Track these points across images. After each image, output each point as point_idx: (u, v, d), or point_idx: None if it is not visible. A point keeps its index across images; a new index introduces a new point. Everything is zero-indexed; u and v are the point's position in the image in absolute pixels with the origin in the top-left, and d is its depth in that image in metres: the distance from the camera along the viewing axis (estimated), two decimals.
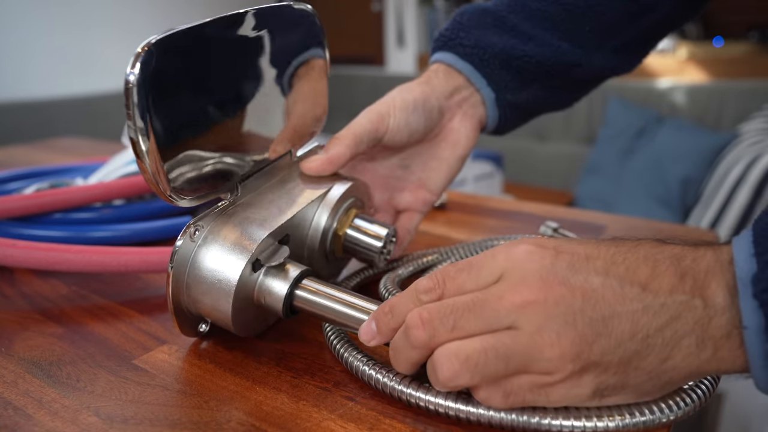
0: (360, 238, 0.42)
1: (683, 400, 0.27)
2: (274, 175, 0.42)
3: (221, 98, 0.35)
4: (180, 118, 0.32)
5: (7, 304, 0.44)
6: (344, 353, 0.34)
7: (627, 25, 0.51)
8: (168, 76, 0.31)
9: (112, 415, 0.30)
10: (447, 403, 0.28)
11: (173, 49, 0.31)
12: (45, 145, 1.14)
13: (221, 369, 0.35)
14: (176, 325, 0.35)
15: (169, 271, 0.34)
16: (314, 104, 0.44)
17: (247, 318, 0.36)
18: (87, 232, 0.52)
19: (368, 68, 3.43)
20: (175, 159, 0.32)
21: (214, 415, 0.30)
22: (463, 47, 0.49)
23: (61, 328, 0.40)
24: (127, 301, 0.44)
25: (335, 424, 0.29)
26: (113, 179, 0.60)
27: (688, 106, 2.26)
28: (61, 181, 0.65)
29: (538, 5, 0.50)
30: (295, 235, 0.39)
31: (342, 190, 0.41)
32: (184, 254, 0.34)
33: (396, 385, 0.30)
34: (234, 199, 0.38)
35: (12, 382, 0.33)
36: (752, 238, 0.26)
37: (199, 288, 0.34)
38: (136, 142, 0.30)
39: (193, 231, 0.35)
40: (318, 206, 0.40)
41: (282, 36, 0.39)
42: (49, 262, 0.43)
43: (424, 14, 3.26)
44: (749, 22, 2.44)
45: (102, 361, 0.35)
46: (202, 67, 0.34)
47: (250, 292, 0.35)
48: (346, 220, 0.42)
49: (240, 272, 0.34)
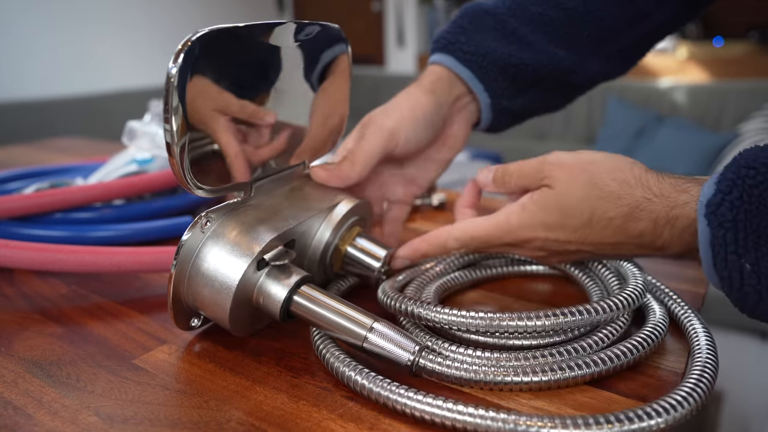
0: (359, 257, 0.43)
1: (680, 404, 0.27)
2: (287, 182, 0.42)
3: (250, 99, 0.37)
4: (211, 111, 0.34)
5: (6, 303, 0.44)
6: (331, 360, 0.33)
7: (626, 31, 0.52)
8: (208, 72, 0.33)
9: (112, 414, 0.30)
10: (422, 407, 0.29)
11: (214, 46, 0.32)
12: (45, 145, 1.14)
13: (221, 369, 0.35)
14: (172, 316, 0.36)
15: (174, 260, 0.34)
16: (333, 121, 0.46)
17: (243, 316, 0.36)
18: (87, 231, 0.52)
19: (368, 68, 3.43)
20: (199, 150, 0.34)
21: (214, 414, 0.30)
22: (462, 52, 0.50)
23: (61, 328, 0.40)
24: (127, 301, 0.44)
25: (335, 424, 0.29)
26: (113, 179, 0.60)
27: (689, 106, 2.26)
28: (61, 180, 0.65)
29: (538, 9, 0.50)
30: (299, 243, 0.39)
31: (347, 208, 0.42)
32: (192, 244, 0.35)
33: (383, 391, 0.30)
34: (246, 199, 0.38)
35: (12, 382, 0.33)
36: (721, 171, 0.32)
37: (201, 280, 0.35)
38: (169, 126, 0.31)
39: (204, 221, 0.35)
40: (323, 220, 0.41)
41: (313, 52, 0.41)
42: (41, 262, 0.43)
43: (424, 14, 3.26)
44: (749, 22, 2.44)
45: (102, 360, 0.35)
46: (238, 68, 0.35)
47: (251, 291, 0.35)
48: (348, 237, 0.43)
49: (244, 269, 0.34)
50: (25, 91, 2.35)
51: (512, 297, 0.44)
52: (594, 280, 0.41)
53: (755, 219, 0.30)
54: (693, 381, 0.29)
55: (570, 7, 0.50)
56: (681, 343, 0.36)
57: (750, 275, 0.30)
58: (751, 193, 0.30)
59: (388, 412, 0.30)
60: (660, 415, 0.27)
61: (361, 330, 0.33)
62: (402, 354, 0.32)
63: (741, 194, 0.30)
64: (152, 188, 0.59)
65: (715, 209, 0.31)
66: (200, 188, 0.35)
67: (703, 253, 0.32)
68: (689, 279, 0.46)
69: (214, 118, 0.34)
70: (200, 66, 0.32)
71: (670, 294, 0.39)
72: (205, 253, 0.35)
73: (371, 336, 0.33)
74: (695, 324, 0.35)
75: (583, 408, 0.30)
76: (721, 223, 0.30)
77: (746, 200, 0.30)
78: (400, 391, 0.29)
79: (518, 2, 0.51)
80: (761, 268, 0.30)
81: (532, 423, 0.27)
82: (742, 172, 0.31)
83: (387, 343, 0.32)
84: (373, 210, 0.47)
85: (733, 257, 0.30)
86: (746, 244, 0.30)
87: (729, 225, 0.30)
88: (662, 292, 0.40)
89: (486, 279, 0.46)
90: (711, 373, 0.30)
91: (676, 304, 0.38)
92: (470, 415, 0.28)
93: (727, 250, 0.30)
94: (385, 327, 0.33)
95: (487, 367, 0.32)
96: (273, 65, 0.38)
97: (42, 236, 0.50)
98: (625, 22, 0.51)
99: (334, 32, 0.43)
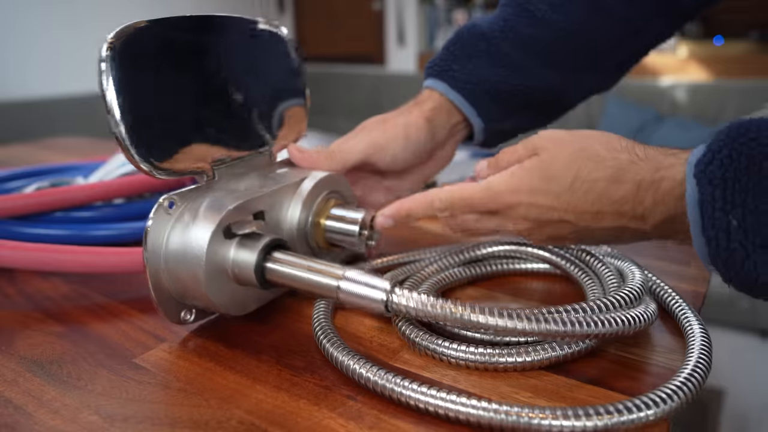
0: (337, 226, 0.43)
1: (671, 397, 0.28)
2: (255, 169, 0.43)
3: (193, 89, 0.39)
4: (149, 96, 0.36)
5: (7, 302, 0.44)
6: (336, 354, 0.33)
7: (619, 46, 0.53)
8: (137, 59, 0.35)
9: (113, 413, 0.30)
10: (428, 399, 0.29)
11: (142, 38, 0.35)
12: (45, 144, 1.14)
13: (221, 367, 0.35)
14: (156, 305, 0.36)
15: (144, 246, 0.35)
16: (294, 109, 0.47)
17: (225, 291, 0.37)
18: (88, 230, 0.52)
19: (368, 67, 3.43)
20: (145, 130, 0.35)
21: (215, 413, 0.30)
22: (455, 80, 0.51)
23: (62, 327, 0.40)
24: (127, 300, 0.44)
25: (335, 423, 0.29)
26: (113, 178, 0.60)
27: (688, 105, 2.26)
28: (61, 179, 0.65)
29: (530, 31, 0.51)
30: (272, 219, 0.40)
31: (315, 180, 0.42)
32: (160, 228, 0.35)
33: (390, 385, 0.30)
34: (210, 182, 0.39)
35: (12, 381, 0.33)
36: (712, 137, 0.32)
37: (175, 261, 0.36)
38: (110, 110, 0.34)
39: (167, 204, 0.36)
40: (292, 195, 0.42)
41: (252, 46, 0.43)
42: (38, 262, 0.43)
43: (425, 13, 3.25)
44: (749, 22, 2.44)
45: (102, 359, 0.36)
46: (172, 58, 0.37)
47: (223, 262, 0.36)
48: (324, 210, 0.43)
49: (209, 237, 0.34)
50: (27, 90, 2.35)
51: (510, 295, 0.44)
52: (592, 278, 0.41)
53: (743, 177, 0.30)
54: (684, 375, 0.29)
55: (561, 27, 0.51)
56: (678, 341, 0.36)
57: (737, 231, 0.30)
58: (741, 151, 0.30)
59: (389, 411, 0.30)
60: (650, 408, 0.27)
61: (333, 281, 0.34)
62: (376, 294, 0.33)
63: (731, 152, 0.30)
64: (152, 187, 0.59)
65: (704, 168, 0.31)
66: (158, 170, 0.36)
67: (691, 215, 0.31)
68: (689, 278, 0.46)
69: (162, 103, 0.36)
70: (133, 57, 0.34)
71: (667, 290, 0.39)
72: (175, 233, 0.36)
73: (343, 284, 0.33)
74: (691, 320, 0.36)
75: (579, 404, 0.30)
76: (710, 181, 0.30)
77: (735, 158, 0.30)
78: (404, 383, 0.30)
79: (510, 24, 0.52)
80: (748, 224, 0.30)
81: (534, 415, 0.27)
82: (732, 132, 0.31)
83: (360, 287, 0.33)
84: (350, 186, 0.47)
85: (720, 214, 0.30)
86: (734, 200, 0.30)
87: (718, 182, 0.30)
88: (660, 288, 0.40)
89: (484, 276, 0.46)
90: (703, 367, 0.30)
91: (671, 298, 0.39)
92: (463, 404, 0.28)
93: (715, 207, 0.30)
94: (356, 273, 0.34)
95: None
96: (210, 55, 0.40)
97: (42, 235, 0.50)
98: (618, 39, 0.52)
99: (270, 26, 0.45)
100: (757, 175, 0.29)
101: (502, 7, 0.53)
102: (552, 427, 0.26)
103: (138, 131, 0.34)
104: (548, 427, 0.27)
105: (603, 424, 0.26)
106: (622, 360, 0.35)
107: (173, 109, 0.37)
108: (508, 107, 0.52)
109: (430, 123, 0.50)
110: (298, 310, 0.42)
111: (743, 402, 1.38)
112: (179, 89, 0.38)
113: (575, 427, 0.26)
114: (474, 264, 0.46)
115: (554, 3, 0.51)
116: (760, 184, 0.29)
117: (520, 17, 0.51)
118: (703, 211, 0.31)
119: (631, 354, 0.35)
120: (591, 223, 0.37)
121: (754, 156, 0.30)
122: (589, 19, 0.50)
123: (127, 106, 0.34)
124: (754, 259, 0.30)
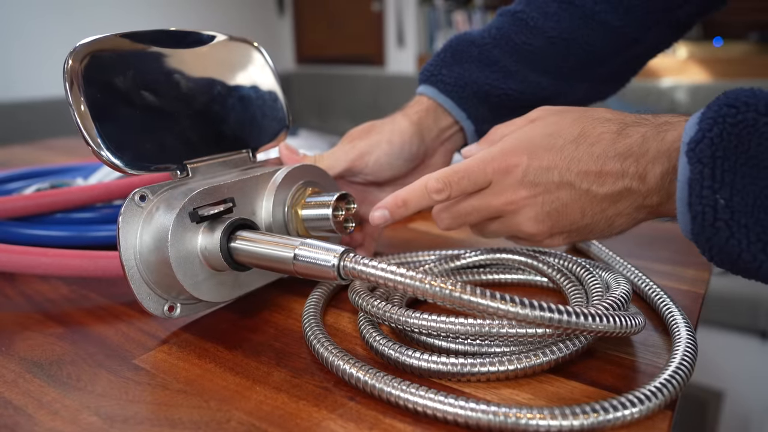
0: (312, 213, 0.42)
1: (654, 395, 0.28)
2: (232, 167, 0.44)
3: (159, 93, 0.40)
4: (113, 96, 0.38)
5: (7, 303, 0.44)
6: (328, 356, 0.33)
7: (613, 56, 0.53)
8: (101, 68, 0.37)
9: (113, 414, 0.30)
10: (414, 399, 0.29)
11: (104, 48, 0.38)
12: (45, 145, 1.14)
13: (221, 368, 0.35)
14: (137, 297, 0.37)
15: (117, 239, 0.36)
16: (273, 112, 0.48)
17: (198, 278, 0.37)
18: (88, 232, 0.52)
19: (368, 68, 3.43)
20: (111, 125, 0.36)
21: (215, 414, 0.30)
22: (444, 84, 0.51)
23: (62, 328, 0.40)
24: (127, 301, 0.44)
25: (335, 424, 0.29)
26: (113, 179, 0.60)
27: (688, 106, 2.26)
28: (61, 181, 0.65)
29: (522, 39, 0.51)
30: (246, 207, 0.40)
31: (287, 170, 0.42)
32: (131, 221, 0.36)
33: (386, 387, 0.30)
34: (185, 178, 0.40)
35: (12, 382, 0.33)
36: (703, 110, 0.32)
37: (147, 249, 0.36)
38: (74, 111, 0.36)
39: (138, 198, 0.36)
40: (266, 184, 0.42)
41: (221, 56, 0.45)
42: (25, 266, 0.43)
43: (424, 14, 3.26)
44: (749, 23, 2.44)
45: (102, 360, 0.36)
46: (137, 67, 0.39)
47: (192, 245, 0.36)
48: (300, 199, 0.43)
49: (174, 218, 0.35)
50: (27, 91, 2.35)
51: None
52: (580, 291, 0.39)
53: (732, 156, 0.30)
54: (668, 373, 0.29)
55: (554, 35, 0.51)
56: (665, 340, 0.36)
57: (723, 210, 0.30)
58: (731, 131, 0.30)
59: (389, 413, 0.30)
60: (635, 405, 0.27)
61: (289, 251, 0.34)
62: (327, 258, 0.33)
63: (721, 132, 0.31)
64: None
65: (695, 146, 0.31)
66: (129, 167, 0.36)
67: (680, 191, 0.32)
68: (689, 279, 0.46)
69: (127, 103, 0.38)
70: (96, 68, 0.37)
71: (656, 289, 0.40)
72: (146, 224, 0.36)
73: (299, 251, 0.34)
74: (677, 318, 0.36)
75: (560, 401, 0.30)
76: (699, 159, 0.31)
77: (725, 138, 0.30)
78: (402, 386, 0.30)
79: (502, 32, 0.52)
80: (734, 203, 0.30)
81: (522, 415, 0.27)
82: (723, 110, 0.31)
83: (313, 252, 0.33)
84: (330, 178, 0.46)
85: (708, 192, 0.31)
86: (722, 180, 0.30)
87: (707, 161, 0.31)
88: (649, 286, 0.40)
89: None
90: (687, 366, 0.30)
91: (659, 296, 0.39)
92: (451, 405, 0.28)
93: (703, 185, 0.31)
94: (312, 241, 0.34)
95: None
96: (175, 64, 0.41)
97: (42, 236, 0.50)
98: (612, 49, 0.52)
99: (242, 40, 0.47)
100: (744, 154, 0.30)
101: (495, 18, 0.54)
102: (539, 427, 0.27)
103: (106, 131, 0.36)
104: (536, 427, 0.27)
105: (590, 423, 0.27)
106: (615, 359, 0.35)
107: (138, 110, 0.39)
108: (499, 111, 0.52)
109: (416, 126, 0.50)
110: (298, 310, 0.42)
111: (743, 403, 1.38)
112: (143, 96, 0.39)
113: (562, 427, 0.27)
114: (458, 273, 0.44)
115: (547, 12, 0.51)
116: (747, 164, 0.30)
117: (513, 26, 0.52)
118: (691, 188, 0.31)
119: (625, 353, 0.35)
120: (592, 186, 0.36)
121: (742, 136, 0.30)
122: (581, 28, 0.51)
123: (95, 112, 0.36)
124: (738, 237, 0.30)
